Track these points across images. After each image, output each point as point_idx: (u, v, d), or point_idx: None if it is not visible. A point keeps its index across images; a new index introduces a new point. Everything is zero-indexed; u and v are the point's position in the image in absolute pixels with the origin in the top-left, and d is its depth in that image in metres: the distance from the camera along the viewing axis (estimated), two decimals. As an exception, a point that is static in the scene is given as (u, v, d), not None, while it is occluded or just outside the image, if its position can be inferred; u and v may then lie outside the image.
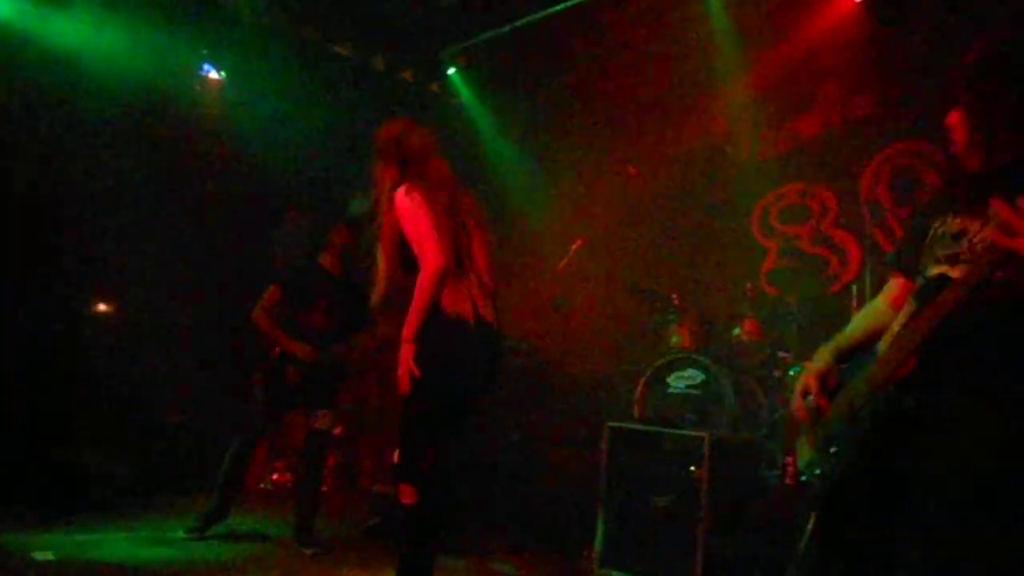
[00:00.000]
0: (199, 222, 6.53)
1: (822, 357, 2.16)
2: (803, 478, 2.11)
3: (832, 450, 2.01)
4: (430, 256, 2.85)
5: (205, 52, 6.79)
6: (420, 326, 2.86)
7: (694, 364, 5.11)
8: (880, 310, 2.18)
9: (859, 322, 2.23)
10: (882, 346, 1.99)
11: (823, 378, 2.10)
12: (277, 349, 4.50)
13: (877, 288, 2.29)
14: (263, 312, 4.51)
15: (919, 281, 2.00)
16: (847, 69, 6.20)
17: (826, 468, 2.02)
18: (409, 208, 2.91)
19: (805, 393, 2.12)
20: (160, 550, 4.29)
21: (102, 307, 6.48)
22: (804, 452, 2.14)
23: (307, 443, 4.65)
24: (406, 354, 2.87)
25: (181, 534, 4.48)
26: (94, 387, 5.76)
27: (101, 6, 5.92)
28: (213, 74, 6.90)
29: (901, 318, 1.97)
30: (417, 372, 2.84)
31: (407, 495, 2.89)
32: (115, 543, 4.35)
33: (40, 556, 3.91)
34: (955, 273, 1.86)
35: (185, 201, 6.56)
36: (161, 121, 6.52)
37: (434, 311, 2.88)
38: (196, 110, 6.76)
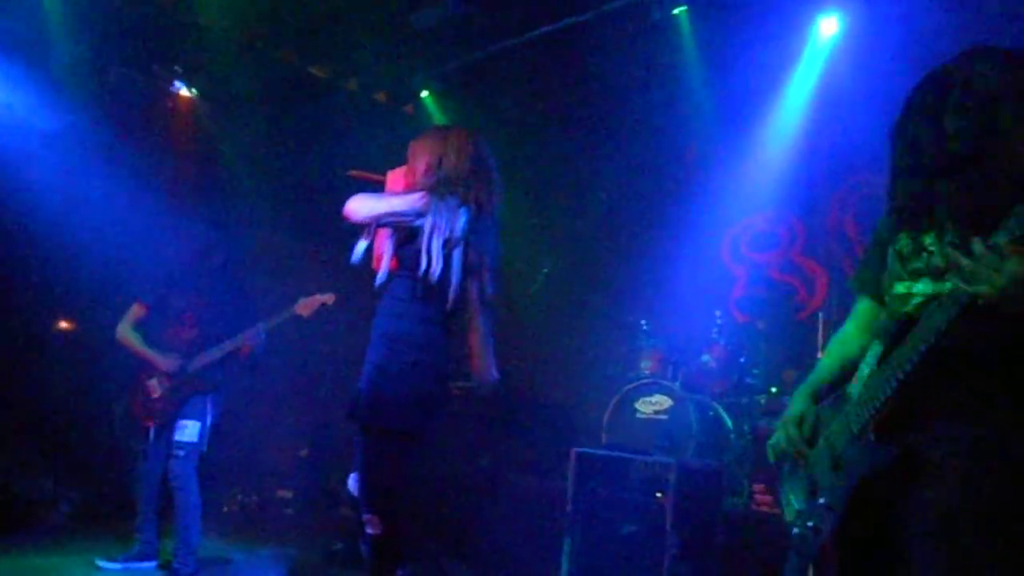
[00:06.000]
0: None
1: (797, 401, 2.08)
2: (795, 531, 1.98)
3: (820, 501, 1.92)
4: None
5: (178, 69, 6.77)
6: None
7: (661, 389, 5.13)
8: (851, 336, 2.09)
9: (831, 353, 2.13)
10: (856, 385, 1.91)
11: (800, 424, 2.03)
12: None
13: (844, 317, 2.22)
14: (125, 329, 4.44)
15: (886, 301, 1.92)
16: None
17: (817, 520, 1.92)
18: None
19: (788, 442, 2.04)
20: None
21: (63, 325, 6.37)
22: (792, 502, 2.05)
23: (174, 457, 4.32)
24: None
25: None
26: (48, 411, 5.64)
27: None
28: (185, 91, 6.88)
29: (870, 358, 1.88)
30: None
31: (373, 525, 2.87)
32: (74, 568, 4.27)
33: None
34: (920, 287, 1.80)
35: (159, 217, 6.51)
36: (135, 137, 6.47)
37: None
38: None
